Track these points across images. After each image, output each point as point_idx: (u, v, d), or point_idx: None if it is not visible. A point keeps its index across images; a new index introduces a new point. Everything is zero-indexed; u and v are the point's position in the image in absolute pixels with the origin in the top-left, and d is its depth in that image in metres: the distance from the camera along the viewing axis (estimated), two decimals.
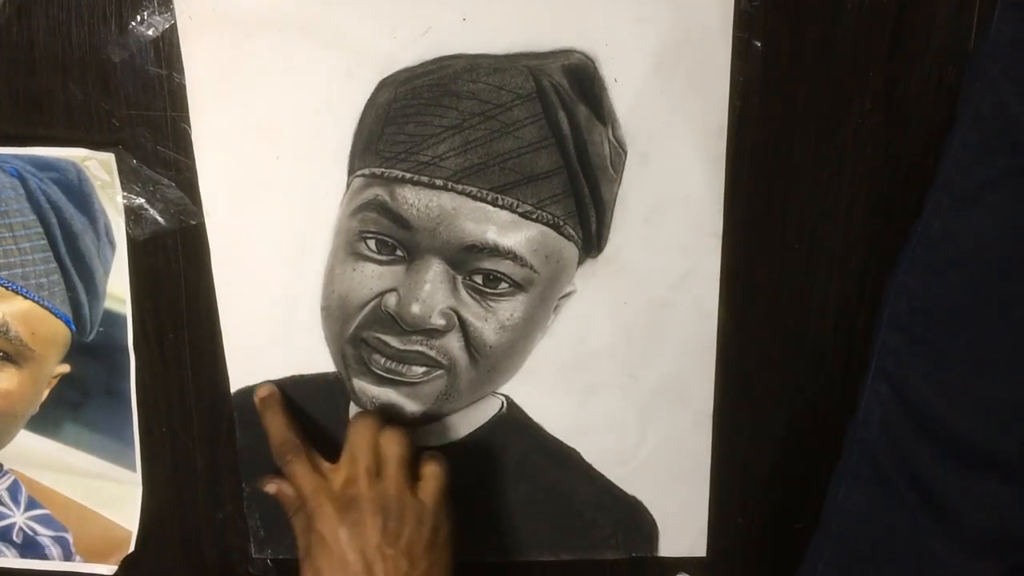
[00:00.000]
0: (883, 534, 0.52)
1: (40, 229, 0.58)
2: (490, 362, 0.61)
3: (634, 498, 0.66)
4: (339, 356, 0.62)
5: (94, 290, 0.60)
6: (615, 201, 0.58)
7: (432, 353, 0.60)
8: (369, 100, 0.56)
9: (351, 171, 0.58)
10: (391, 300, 0.59)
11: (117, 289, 0.60)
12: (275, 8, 0.54)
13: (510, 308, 0.59)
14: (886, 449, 0.52)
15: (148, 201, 0.58)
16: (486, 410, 0.64)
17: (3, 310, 0.58)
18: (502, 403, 0.64)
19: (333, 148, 0.57)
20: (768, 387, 0.63)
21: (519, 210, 0.57)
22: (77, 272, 0.59)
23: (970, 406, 0.49)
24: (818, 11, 0.54)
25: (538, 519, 0.67)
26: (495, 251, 0.58)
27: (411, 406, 0.62)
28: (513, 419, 0.64)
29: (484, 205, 0.57)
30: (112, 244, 0.59)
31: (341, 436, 0.64)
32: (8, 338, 0.59)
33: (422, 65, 0.55)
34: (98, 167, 0.57)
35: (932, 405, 0.50)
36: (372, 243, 0.59)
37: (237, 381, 0.64)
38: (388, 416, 0.62)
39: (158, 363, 0.64)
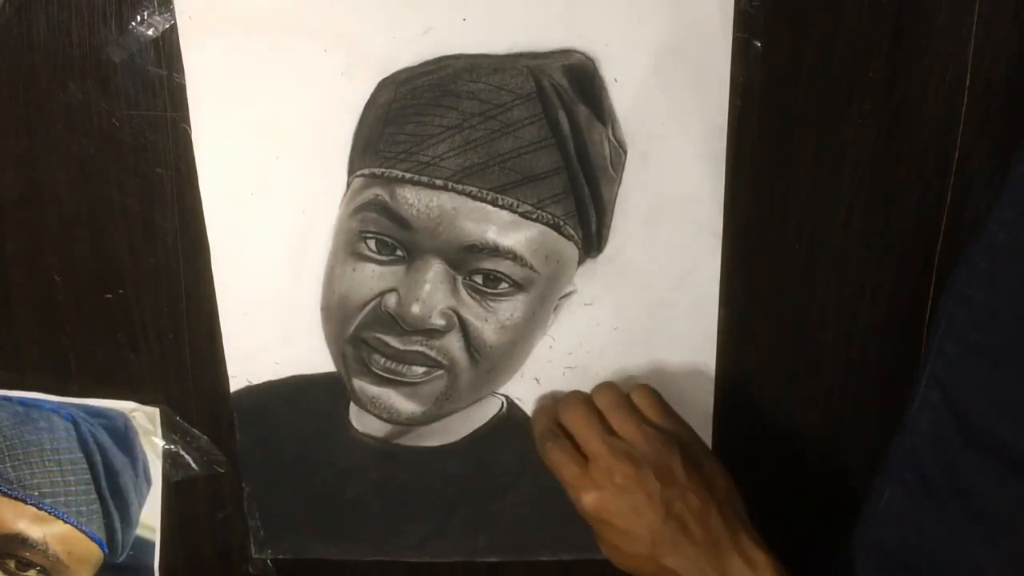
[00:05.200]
0: (925, 541, 0.52)
1: (85, 465, 0.66)
2: (490, 362, 0.61)
3: None
4: (339, 356, 0.62)
5: (128, 519, 0.68)
6: (615, 201, 0.58)
7: (432, 353, 0.60)
8: (369, 100, 0.56)
9: (351, 171, 0.58)
10: (391, 300, 0.59)
11: (149, 519, 0.68)
12: (275, 8, 0.54)
13: (510, 308, 0.59)
14: (933, 456, 0.51)
15: (184, 449, 0.66)
16: (486, 410, 0.64)
17: (44, 531, 0.66)
18: (502, 403, 0.64)
19: (333, 148, 0.57)
20: (768, 387, 0.63)
21: (519, 210, 0.57)
22: (114, 503, 0.67)
23: (1022, 416, 0.49)
24: (818, 11, 0.54)
25: (538, 519, 0.67)
26: (495, 251, 0.58)
27: (411, 406, 0.62)
28: (513, 419, 0.64)
29: (484, 205, 0.57)
30: (148, 481, 0.67)
31: (341, 437, 0.64)
32: (46, 555, 0.67)
33: (422, 65, 0.55)
34: (143, 418, 0.65)
35: (984, 414, 0.49)
36: (372, 243, 0.59)
37: (237, 381, 0.64)
38: (388, 416, 0.62)
39: (158, 364, 0.64)
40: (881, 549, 0.54)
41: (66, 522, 0.66)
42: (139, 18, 0.55)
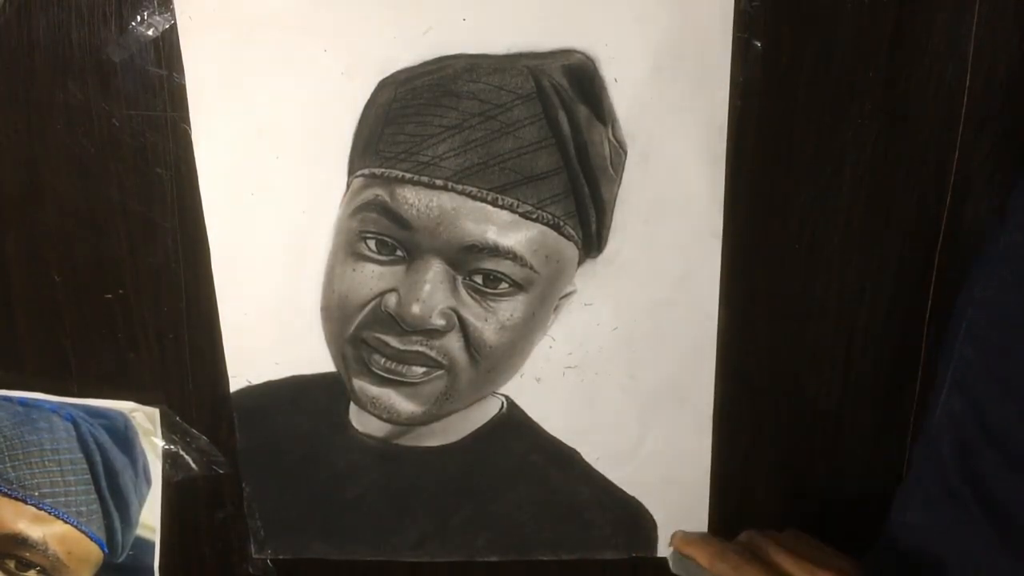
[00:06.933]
0: (950, 550, 0.51)
1: (85, 465, 0.66)
2: (490, 362, 0.61)
3: (634, 498, 0.66)
4: (339, 356, 0.62)
5: (128, 519, 0.68)
6: (615, 201, 0.58)
7: (432, 353, 0.60)
8: (369, 100, 0.56)
9: (351, 171, 0.58)
10: (391, 300, 0.59)
11: (149, 519, 0.68)
12: (275, 8, 0.54)
13: (510, 308, 0.59)
14: (956, 464, 0.51)
15: (184, 449, 0.66)
16: (486, 410, 0.64)
17: (44, 531, 0.66)
18: (502, 403, 0.64)
19: (333, 148, 0.57)
20: (768, 387, 0.63)
21: (519, 210, 0.57)
22: (114, 503, 0.67)
23: None
24: (818, 11, 0.54)
25: (538, 519, 0.67)
26: (495, 251, 0.58)
27: (411, 406, 0.62)
28: (513, 419, 0.64)
29: (484, 205, 0.57)
30: (148, 481, 0.67)
31: (341, 437, 0.64)
32: (46, 555, 0.67)
33: (422, 65, 0.55)
34: (143, 418, 0.65)
35: (1008, 419, 0.49)
36: (372, 243, 0.59)
37: (237, 381, 0.64)
38: (388, 416, 0.62)
39: (158, 364, 0.64)
40: (906, 562, 0.54)
41: (66, 522, 0.66)
42: (139, 18, 0.55)
